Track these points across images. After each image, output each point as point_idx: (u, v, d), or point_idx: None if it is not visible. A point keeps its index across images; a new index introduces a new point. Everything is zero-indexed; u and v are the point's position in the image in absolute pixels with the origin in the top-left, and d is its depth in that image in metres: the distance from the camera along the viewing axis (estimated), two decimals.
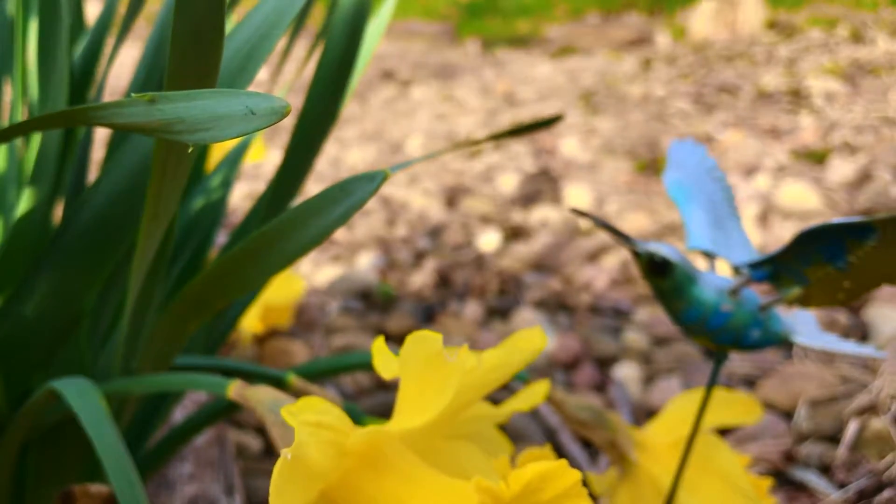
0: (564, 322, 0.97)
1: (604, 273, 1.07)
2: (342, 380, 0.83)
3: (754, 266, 0.35)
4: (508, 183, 1.48)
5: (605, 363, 0.86)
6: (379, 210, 1.36)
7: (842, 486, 0.68)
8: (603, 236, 1.16)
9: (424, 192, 1.48)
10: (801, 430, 0.75)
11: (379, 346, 0.24)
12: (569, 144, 1.65)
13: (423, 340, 0.22)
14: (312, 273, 1.11)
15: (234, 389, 0.28)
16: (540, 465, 0.23)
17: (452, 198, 1.42)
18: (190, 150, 0.21)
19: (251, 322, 0.75)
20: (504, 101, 2.14)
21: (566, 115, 1.87)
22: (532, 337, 0.26)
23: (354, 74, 0.45)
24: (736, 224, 0.42)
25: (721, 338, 0.36)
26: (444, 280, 1.09)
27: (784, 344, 0.38)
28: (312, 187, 1.51)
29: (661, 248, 0.36)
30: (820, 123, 1.60)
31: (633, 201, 1.33)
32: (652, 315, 0.97)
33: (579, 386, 0.82)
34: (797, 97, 1.79)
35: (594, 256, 1.13)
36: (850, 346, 0.38)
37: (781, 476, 0.70)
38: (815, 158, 1.43)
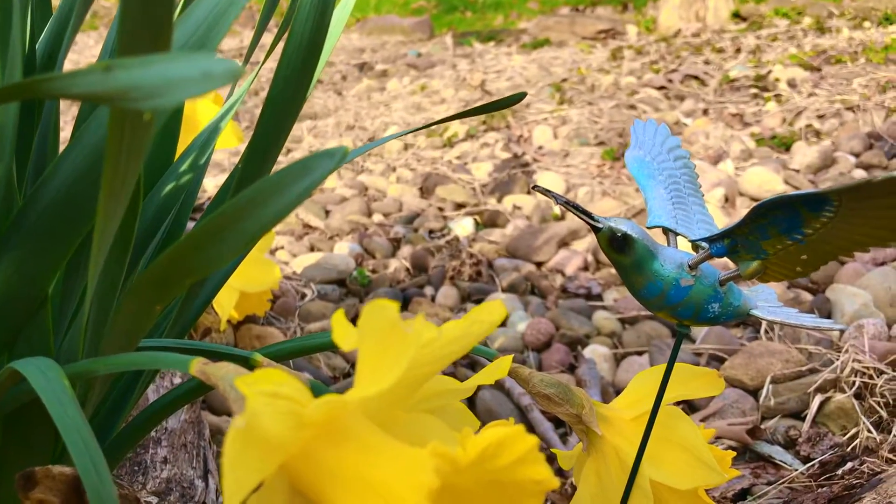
0: (537, 305, 0.97)
1: (575, 257, 1.08)
2: (320, 366, 0.83)
3: (712, 240, 0.35)
4: (482, 171, 1.48)
5: (576, 344, 0.87)
6: (355, 198, 1.36)
7: (806, 459, 0.69)
8: (574, 221, 1.17)
9: (400, 181, 1.48)
10: (767, 407, 0.76)
11: (338, 319, 0.25)
12: (541, 133, 1.66)
13: (380, 310, 0.22)
14: (289, 260, 1.11)
15: (196, 366, 0.28)
16: (497, 430, 0.23)
17: (427, 186, 1.43)
18: (147, 119, 0.21)
19: (227, 310, 0.75)
20: (478, 92, 2.14)
21: (538, 104, 1.88)
22: (492, 309, 0.27)
23: (322, 57, 0.45)
24: (697, 201, 0.43)
25: (681, 312, 0.37)
26: (419, 266, 1.10)
27: (744, 318, 0.39)
28: None
29: (622, 224, 0.36)
30: (785, 110, 1.63)
31: (603, 187, 1.34)
32: (622, 297, 0.98)
33: (551, 366, 0.83)
34: (763, 85, 1.82)
35: (566, 241, 1.13)
36: (808, 319, 0.39)
37: (748, 451, 0.71)
38: (781, 144, 1.45)
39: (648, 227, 0.40)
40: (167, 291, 0.31)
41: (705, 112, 1.68)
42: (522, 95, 0.43)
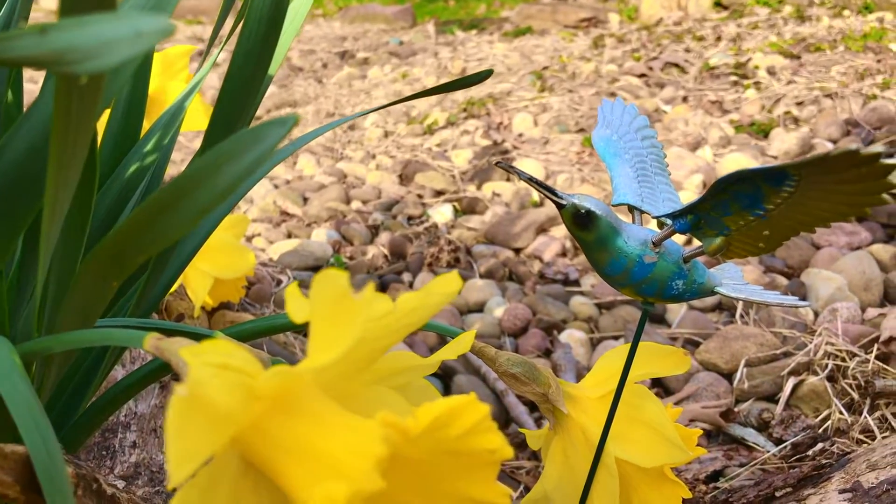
0: (514, 291, 0.97)
1: (553, 243, 1.08)
2: (295, 352, 0.82)
3: (675, 216, 0.35)
4: (462, 158, 1.48)
5: (552, 329, 0.87)
6: (334, 185, 1.35)
7: (779, 441, 0.70)
8: (552, 208, 1.17)
9: (379, 168, 1.47)
10: (741, 390, 0.77)
11: (292, 292, 0.24)
12: (521, 120, 1.66)
13: (329, 279, 0.22)
14: (266, 247, 1.11)
15: (150, 341, 0.28)
16: (448, 400, 0.23)
17: (407, 173, 1.42)
18: (84, 82, 0.21)
19: (201, 296, 0.74)
20: None
21: (519, 92, 1.88)
22: (448, 281, 0.26)
23: (287, 34, 0.45)
24: (664, 180, 0.42)
25: (645, 289, 0.37)
26: (397, 252, 1.09)
27: (708, 295, 0.39)
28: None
29: (585, 201, 0.36)
30: (764, 97, 1.63)
31: (582, 174, 1.34)
32: (599, 282, 0.98)
33: (527, 351, 0.83)
34: (743, 73, 1.82)
35: (544, 228, 1.13)
36: (772, 296, 0.39)
37: (721, 433, 0.72)
38: (760, 131, 1.45)
39: (613, 205, 0.40)
40: (122, 267, 0.31)
41: (685, 99, 1.68)
42: (488, 73, 0.43)
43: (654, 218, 0.38)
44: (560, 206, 0.37)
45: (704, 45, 2.12)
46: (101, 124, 0.54)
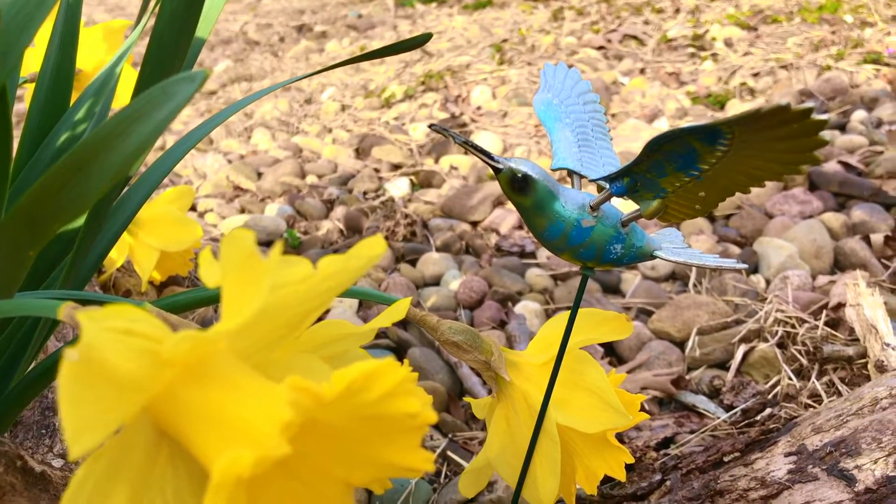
0: (470, 263, 0.97)
1: (510, 216, 1.08)
2: None
3: (612, 179, 0.35)
4: (419, 131, 1.46)
5: (508, 301, 0.87)
6: (288, 160, 1.33)
7: (729, 408, 0.71)
8: None
9: (336, 142, 1.46)
10: (693, 358, 0.77)
11: (205, 256, 0.23)
12: (480, 93, 1.65)
13: (235, 240, 0.21)
14: (218, 222, 1.09)
15: (65, 311, 0.26)
16: (365, 363, 0.22)
17: (363, 147, 1.41)
18: None
19: (148, 270, 0.73)
20: (419, 53, 2.11)
21: (478, 65, 1.86)
22: (372, 244, 0.26)
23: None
24: (605, 145, 0.42)
25: (583, 253, 0.37)
26: (352, 227, 1.08)
27: (647, 259, 0.38)
28: (222, 143, 1.47)
29: (522, 165, 0.36)
30: (721, 69, 1.64)
31: (540, 147, 1.34)
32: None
33: (482, 323, 0.83)
34: (700, 44, 1.83)
35: (501, 201, 1.13)
36: (711, 259, 0.39)
37: (672, 401, 0.72)
38: (716, 102, 1.46)
39: (553, 170, 0.40)
40: (38, 235, 0.30)
41: (643, 71, 1.68)
42: (428, 36, 0.42)
43: (590, 181, 0.38)
44: (497, 171, 0.36)
45: (663, 17, 2.13)
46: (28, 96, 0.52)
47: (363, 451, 0.24)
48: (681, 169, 0.33)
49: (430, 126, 0.35)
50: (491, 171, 1.24)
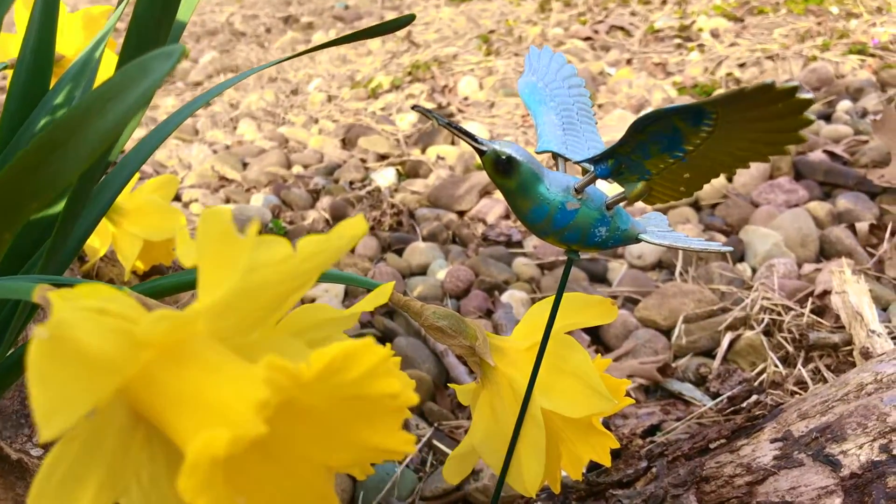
0: (457, 253, 0.97)
1: (497, 206, 1.07)
2: None
3: (596, 161, 0.34)
4: (406, 122, 1.46)
5: (495, 290, 0.87)
6: (274, 150, 1.32)
7: (715, 395, 0.71)
8: None
9: (322, 132, 1.45)
10: (679, 346, 0.77)
11: (181, 235, 0.23)
12: (467, 84, 1.64)
13: (213, 216, 0.21)
14: (202, 212, 1.08)
15: (39, 293, 0.26)
16: (344, 343, 0.22)
17: (349, 137, 1.40)
18: None
19: (131, 259, 0.72)
20: (406, 44, 2.10)
21: (465, 56, 1.86)
22: (353, 224, 0.25)
23: None
24: (590, 128, 0.42)
25: (568, 236, 0.36)
26: (338, 216, 1.08)
27: (632, 242, 0.38)
28: (207, 133, 1.46)
29: (506, 147, 0.35)
30: (707, 59, 1.64)
31: (527, 137, 1.34)
32: (541, 244, 0.98)
33: (469, 312, 0.83)
34: (687, 35, 1.83)
35: (488, 190, 1.13)
36: (696, 242, 0.38)
37: (659, 388, 0.72)
38: (702, 92, 1.46)
39: (537, 152, 0.39)
40: (13, 215, 0.29)
41: (629, 62, 1.68)
42: (412, 17, 0.41)
43: (574, 163, 0.37)
44: (481, 153, 0.35)
45: (650, 8, 2.12)
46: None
47: (343, 433, 0.24)
48: (665, 150, 0.32)
49: (414, 107, 0.35)
50: (478, 161, 1.24)
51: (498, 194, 1.12)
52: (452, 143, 1.34)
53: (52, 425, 0.19)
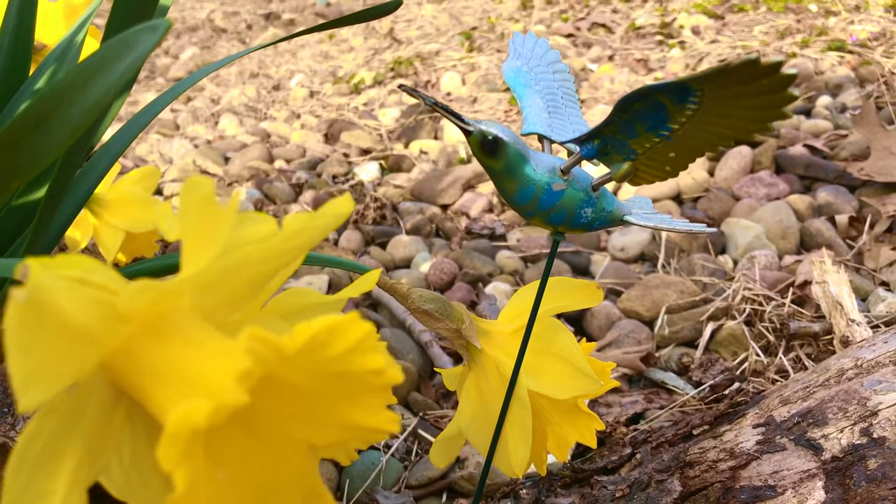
0: (441, 246, 0.96)
1: (480, 199, 1.07)
2: None
3: (582, 141, 0.34)
4: (388, 117, 1.45)
5: (479, 282, 0.87)
6: (256, 145, 1.32)
7: (698, 384, 0.71)
8: (478, 165, 1.16)
9: (304, 127, 1.44)
10: (662, 336, 0.78)
11: (163, 210, 0.23)
12: (449, 79, 1.64)
13: (193, 186, 0.20)
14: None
15: (21, 269, 0.26)
16: (327, 318, 0.21)
17: (332, 132, 1.39)
18: None
19: (112, 252, 0.71)
20: (388, 40, 2.10)
21: (448, 52, 1.85)
22: (339, 203, 0.25)
23: None
24: (574, 112, 0.42)
25: (553, 217, 0.36)
26: None
27: (617, 224, 0.38)
28: (188, 128, 1.45)
29: (492, 127, 0.35)
30: (688, 55, 1.65)
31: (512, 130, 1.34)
32: (525, 237, 0.98)
33: None
34: (668, 32, 1.84)
35: (471, 184, 1.13)
36: (681, 224, 0.39)
37: (642, 378, 0.73)
38: None
39: (523, 134, 0.39)
40: None
41: (611, 58, 1.69)
42: (398, 3, 0.41)
43: (560, 144, 0.37)
44: (467, 133, 0.35)
45: (631, 6, 2.13)
46: None
47: (326, 410, 0.23)
48: (651, 129, 0.32)
49: (400, 86, 0.35)
50: (461, 155, 1.24)
51: (481, 188, 1.12)
52: (435, 137, 1.34)
53: (30, 394, 0.19)
